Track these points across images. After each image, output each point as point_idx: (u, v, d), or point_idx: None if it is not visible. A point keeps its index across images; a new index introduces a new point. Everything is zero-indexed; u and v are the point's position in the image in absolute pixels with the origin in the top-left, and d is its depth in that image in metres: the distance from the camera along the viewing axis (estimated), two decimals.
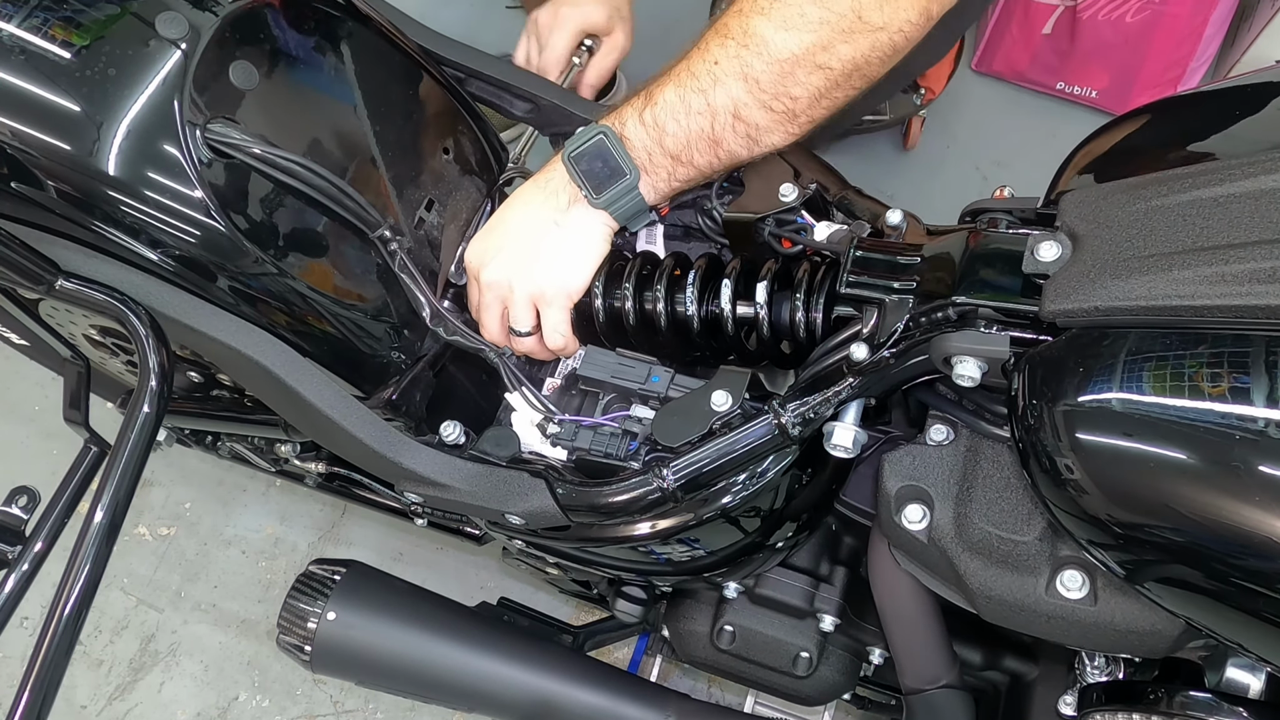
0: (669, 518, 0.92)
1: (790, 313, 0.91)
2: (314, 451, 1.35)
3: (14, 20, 0.83)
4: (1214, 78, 2.09)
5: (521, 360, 1.10)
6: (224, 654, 1.81)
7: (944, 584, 0.88)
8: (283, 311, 0.94)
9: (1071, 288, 0.69)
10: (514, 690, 1.08)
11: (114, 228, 0.87)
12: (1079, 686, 0.94)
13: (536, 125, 1.14)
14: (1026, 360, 0.71)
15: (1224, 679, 0.80)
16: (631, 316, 0.97)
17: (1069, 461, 0.66)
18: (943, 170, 2.12)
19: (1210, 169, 0.69)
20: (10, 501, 0.94)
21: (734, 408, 0.87)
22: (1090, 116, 2.13)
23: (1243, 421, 0.59)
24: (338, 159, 0.95)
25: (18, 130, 0.83)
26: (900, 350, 0.80)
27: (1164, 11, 1.90)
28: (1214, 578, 0.62)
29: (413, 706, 1.73)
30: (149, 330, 0.89)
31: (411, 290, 1.00)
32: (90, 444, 1.03)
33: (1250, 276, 0.62)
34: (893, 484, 0.85)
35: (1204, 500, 0.60)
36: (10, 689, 1.76)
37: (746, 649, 1.14)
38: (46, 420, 2.00)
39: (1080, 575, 0.77)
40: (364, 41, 1.00)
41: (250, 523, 1.92)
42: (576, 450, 0.93)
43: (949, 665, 1.00)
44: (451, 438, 0.95)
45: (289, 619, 1.06)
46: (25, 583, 0.90)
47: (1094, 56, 2.03)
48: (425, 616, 1.09)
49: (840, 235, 0.91)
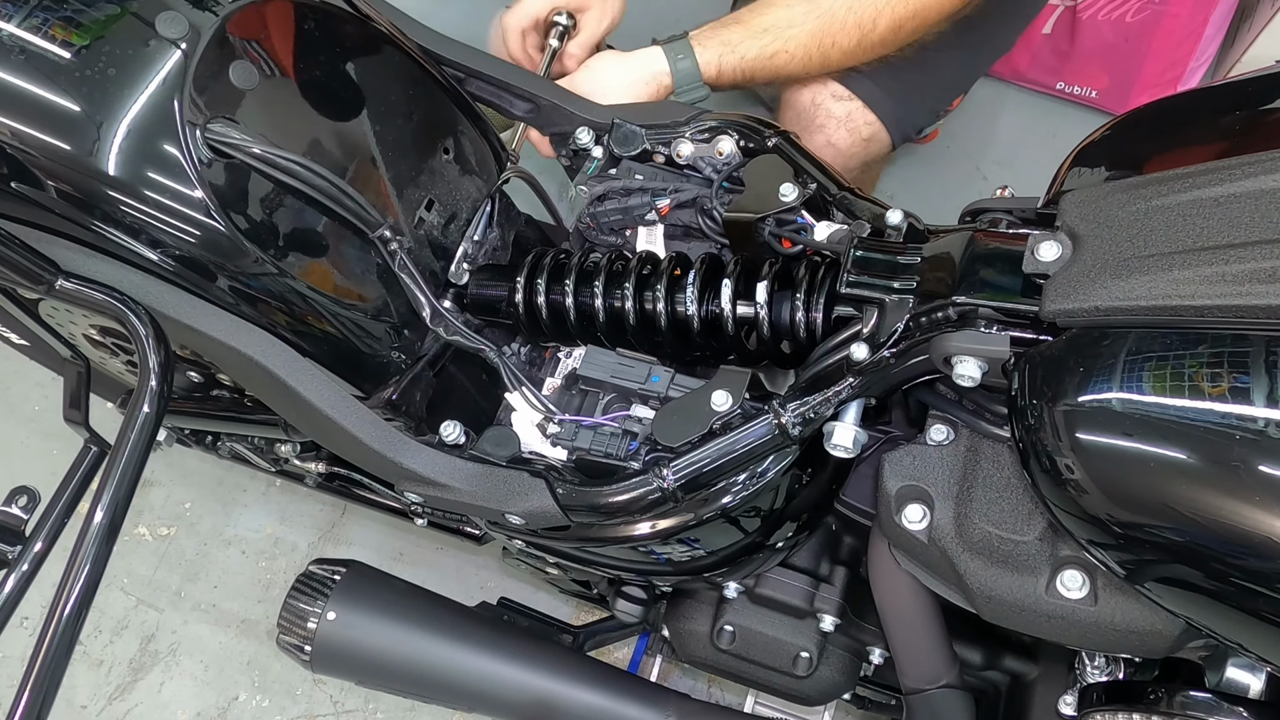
0: (669, 518, 0.92)
1: (790, 313, 0.91)
2: (314, 451, 1.35)
3: (14, 20, 0.83)
4: (1214, 78, 2.09)
5: (522, 360, 1.10)
6: (224, 654, 1.81)
7: (944, 584, 0.88)
8: (283, 311, 0.94)
9: (1072, 287, 0.69)
10: (514, 690, 1.08)
11: (114, 228, 0.87)
12: (1079, 686, 0.94)
13: (536, 125, 1.14)
14: (1027, 360, 0.71)
15: (1224, 679, 0.80)
16: (631, 316, 0.97)
17: (1069, 461, 0.66)
18: (943, 170, 2.12)
19: (1210, 169, 0.69)
20: (10, 501, 0.94)
21: (734, 408, 0.87)
22: (1090, 116, 2.13)
23: (1243, 421, 0.59)
24: (338, 159, 0.95)
25: (18, 130, 0.83)
26: (900, 350, 0.80)
27: (1164, 11, 1.90)
28: (1214, 577, 0.62)
29: (413, 706, 1.73)
30: (149, 330, 0.89)
31: (411, 290, 1.00)
32: (90, 444, 1.03)
33: (1250, 276, 0.62)
34: (893, 484, 0.85)
35: (1204, 500, 0.60)
36: (10, 689, 1.76)
37: (746, 649, 1.14)
38: (46, 420, 2.00)
39: (1080, 575, 0.77)
40: (364, 41, 1.00)
41: (250, 523, 1.92)
42: (576, 450, 0.93)
43: (949, 665, 1.00)
44: (451, 438, 0.95)
45: (289, 619, 1.06)
46: (25, 583, 0.90)
47: (1094, 56, 2.03)
48: (425, 616, 1.09)
49: (840, 235, 0.91)
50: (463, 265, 1.07)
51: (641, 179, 1.06)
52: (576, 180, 1.09)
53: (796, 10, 1.21)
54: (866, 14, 1.20)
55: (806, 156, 1.00)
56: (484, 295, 1.06)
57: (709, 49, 1.21)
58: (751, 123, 1.03)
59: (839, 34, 1.21)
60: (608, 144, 1.07)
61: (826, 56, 1.23)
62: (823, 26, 1.21)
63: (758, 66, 1.22)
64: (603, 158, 1.08)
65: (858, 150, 1.42)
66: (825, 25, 1.21)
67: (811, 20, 1.21)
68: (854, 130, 1.40)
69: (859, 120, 1.39)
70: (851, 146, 1.41)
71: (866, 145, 1.42)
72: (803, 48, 1.22)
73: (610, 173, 1.08)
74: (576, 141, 1.09)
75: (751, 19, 1.23)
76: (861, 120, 1.39)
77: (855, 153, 1.42)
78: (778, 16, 1.22)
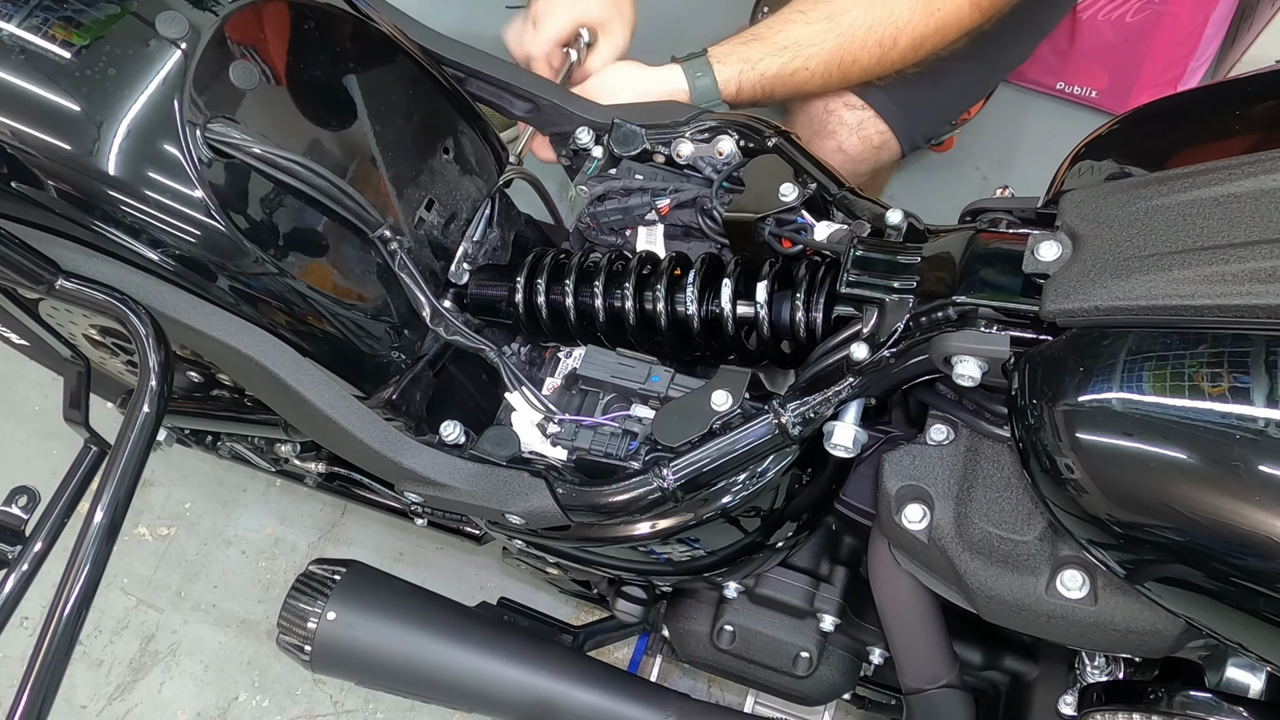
0: (669, 518, 0.92)
1: (790, 312, 0.91)
2: (314, 451, 1.35)
3: (14, 20, 0.83)
4: (1214, 78, 2.09)
5: (522, 360, 1.10)
6: (224, 654, 1.81)
7: (944, 584, 0.88)
8: (283, 311, 0.94)
9: (1072, 287, 0.69)
10: (514, 690, 1.08)
11: (114, 227, 0.87)
12: (1079, 686, 0.94)
13: (536, 125, 1.14)
14: (1026, 360, 0.71)
15: (1224, 679, 0.80)
16: (631, 316, 0.97)
17: (1069, 461, 0.66)
18: (943, 170, 2.12)
19: (1210, 169, 0.69)
20: (10, 501, 0.94)
21: (734, 407, 0.87)
22: (1090, 116, 2.13)
23: (1243, 421, 0.59)
24: (338, 159, 0.95)
25: (18, 130, 0.83)
26: (900, 350, 0.80)
27: (1164, 11, 1.90)
28: (1214, 577, 0.62)
29: (413, 706, 1.73)
30: (149, 330, 0.89)
31: (411, 290, 1.00)
32: (90, 444, 1.03)
33: (1250, 276, 0.62)
34: (893, 484, 0.85)
35: (1204, 500, 0.60)
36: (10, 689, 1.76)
37: (746, 649, 1.14)
38: (46, 420, 2.00)
39: (1080, 575, 0.77)
40: (364, 41, 1.00)
41: (250, 523, 1.92)
42: (576, 450, 0.93)
43: (949, 665, 1.00)
44: (451, 438, 0.95)
45: (289, 619, 1.06)
46: (25, 583, 0.90)
47: (1094, 56, 2.03)
48: (425, 616, 1.09)
49: (840, 235, 0.91)
50: (463, 265, 1.07)
51: (641, 179, 1.06)
52: (576, 180, 1.09)
53: (816, 28, 1.20)
54: (888, 32, 1.19)
55: (806, 156, 1.00)
56: (484, 295, 1.06)
57: (728, 66, 1.20)
58: (751, 123, 1.03)
59: (860, 51, 1.20)
60: (608, 144, 1.07)
61: (847, 74, 1.23)
62: (843, 44, 1.19)
63: (778, 84, 1.21)
64: (603, 158, 1.08)
65: (868, 156, 1.42)
66: (846, 43, 1.19)
67: (832, 39, 1.19)
68: (865, 138, 1.39)
69: (870, 129, 1.39)
70: (862, 153, 1.41)
71: (877, 152, 1.42)
72: (823, 65, 1.21)
73: (610, 173, 1.08)
74: (576, 141, 1.09)
75: (770, 35, 1.21)
76: (873, 129, 1.39)
77: (865, 159, 1.42)
78: (798, 34, 1.20)
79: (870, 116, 1.38)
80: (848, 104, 1.38)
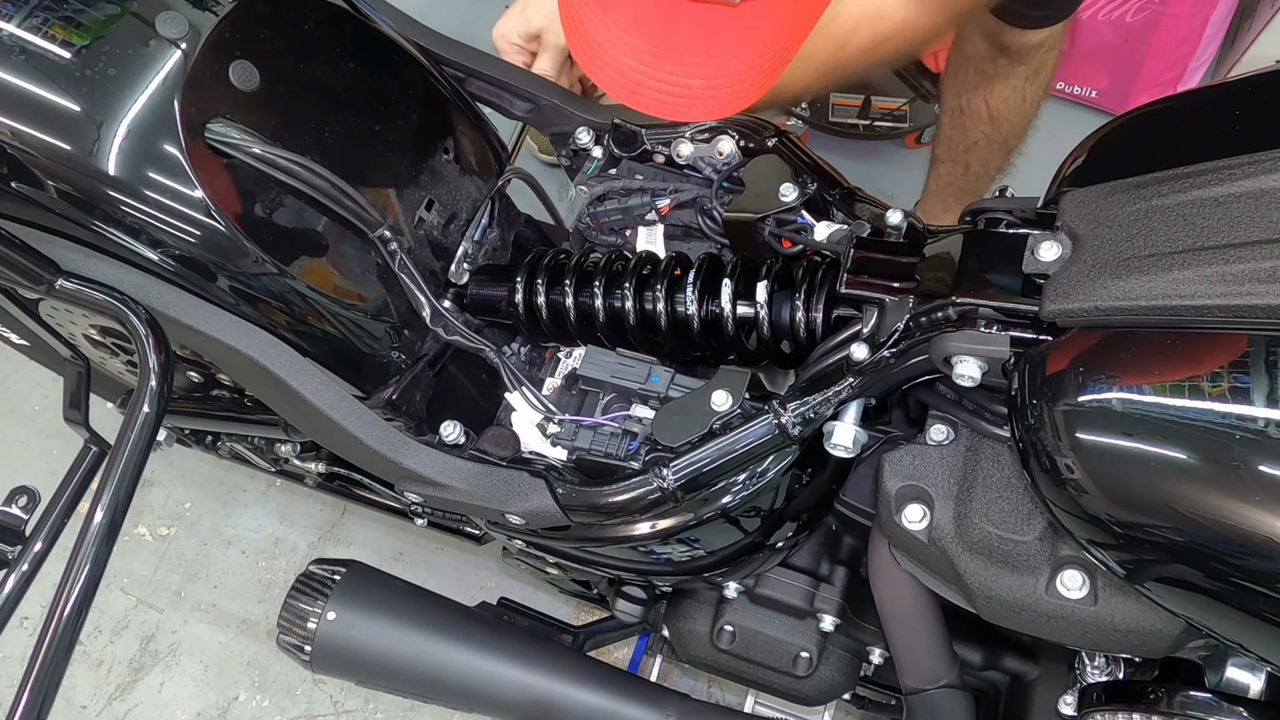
0: (669, 518, 0.92)
1: (790, 313, 0.91)
2: (314, 451, 1.35)
3: (14, 20, 0.83)
4: (1214, 78, 2.09)
5: (522, 360, 1.10)
6: (224, 654, 1.81)
7: (944, 584, 0.88)
8: (283, 311, 0.94)
9: (1072, 287, 0.69)
10: (514, 690, 1.08)
11: (114, 228, 0.87)
12: (1079, 686, 0.94)
13: (536, 125, 1.14)
14: (1027, 360, 0.71)
15: (1224, 679, 0.80)
16: (631, 316, 0.97)
17: (1069, 461, 0.66)
18: None
19: (1210, 169, 0.69)
20: (10, 501, 0.94)
21: (734, 408, 0.87)
22: (1090, 116, 2.13)
23: (1243, 421, 0.59)
24: (338, 159, 0.95)
25: (18, 130, 0.83)
26: (900, 350, 0.80)
27: (1164, 11, 1.90)
28: (1214, 577, 0.62)
29: (413, 706, 1.73)
30: (149, 330, 0.89)
31: (411, 290, 1.00)
32: (90, 444, 1.03)
33: (1250, 276, 0.62)
34: (893, 484, 0.85)
35: (1204, 500, 0.60)
36: (10, 689, 1.76)
37: (746, 649, 1.14)
38: (46, 420, 2.00)
39: (1080, 575, 0.77)
40: (364, 41, 1.00)
41: (250, 523, 1.92)
42: (576, 450, 0.93)
43: (949, 665, 1.00)
44: (451, 438, 0.95)
45: (289, 619, 1.06)
46: (25, 583, 0.90)
47: (1094, 56, 2.03)
48: (425, 616, 1.09)
49: (840, 235, 0.91)
50: (463, 265, 1.07)
51: (641, 179, 1.06)
52: (576, 180, 1.09)
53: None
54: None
55: (806, 156, 1.00)
56: (484, 295, 1.06)
57: None
58: (751, 123, 1.03)
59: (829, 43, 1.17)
60: (608, 144, 1.07)
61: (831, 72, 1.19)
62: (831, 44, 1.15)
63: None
64: (603, 158, 1.08)
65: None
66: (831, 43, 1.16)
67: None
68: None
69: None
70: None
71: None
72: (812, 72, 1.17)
73: (610, 173, 1.08)
74: (576, 141, 1.09)
75: None
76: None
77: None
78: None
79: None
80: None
